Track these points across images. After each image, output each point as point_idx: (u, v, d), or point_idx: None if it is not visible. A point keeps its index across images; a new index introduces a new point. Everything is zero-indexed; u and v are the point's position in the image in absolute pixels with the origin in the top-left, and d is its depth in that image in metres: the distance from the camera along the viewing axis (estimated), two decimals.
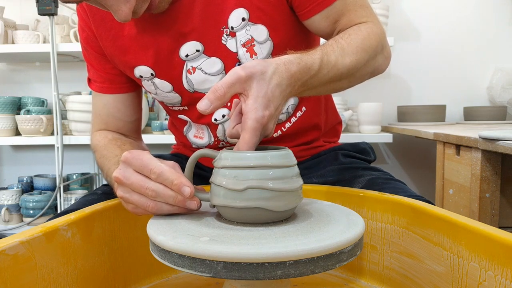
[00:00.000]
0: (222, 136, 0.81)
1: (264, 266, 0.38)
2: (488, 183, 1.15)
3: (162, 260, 0.43)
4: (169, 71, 0.76)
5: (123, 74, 0.82)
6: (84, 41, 0.81)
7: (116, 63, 0.79)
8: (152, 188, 0.49)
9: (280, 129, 0.81)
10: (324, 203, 0.56)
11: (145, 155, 0.51)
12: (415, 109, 1.99)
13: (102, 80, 0.83)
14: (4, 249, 0.43)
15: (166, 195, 0.49)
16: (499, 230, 0.43)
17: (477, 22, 2.17)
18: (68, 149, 2.13)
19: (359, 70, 0.66)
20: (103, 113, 0.84)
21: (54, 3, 1.77)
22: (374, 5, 1.88)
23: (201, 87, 0.76)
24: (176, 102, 0.80)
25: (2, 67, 2.29)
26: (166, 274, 0.66)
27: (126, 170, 0.51)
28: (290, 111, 0.81)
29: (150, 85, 0.79)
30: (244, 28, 0.71)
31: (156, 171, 0.49)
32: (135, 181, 0.50)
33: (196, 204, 0.49)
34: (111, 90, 0.83)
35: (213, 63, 0.74)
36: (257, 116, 0.48)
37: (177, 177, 0.48)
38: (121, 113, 0.84)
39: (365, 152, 0.90)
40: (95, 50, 0.81)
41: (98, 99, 0.85)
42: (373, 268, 0.62)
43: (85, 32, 0.80)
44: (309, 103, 0.84)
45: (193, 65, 0.74)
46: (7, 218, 1.94)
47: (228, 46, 0.73)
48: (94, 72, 0.84)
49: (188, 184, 0.48)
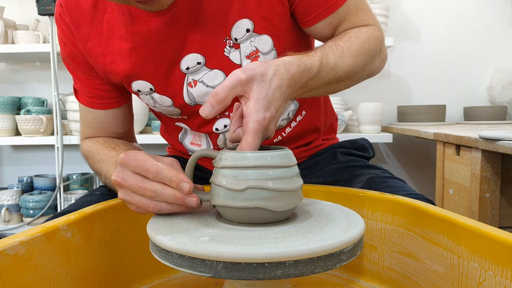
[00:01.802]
0: (223, 145, 0.79)
1: (264, 266, 0.38)
2: (488, 183, 1.15)
3: (162, 260, 0.43)
4: (169, 85, 0.72)
5: (113, 89, 0.78)
6: (67, 56, 0.75)
7: (110, 79, 0.75)
8: (150, 188, 0.49)
9: (280, 134, 0.80)
10: (324, 203, 0.56)
11: (141, 155, 0.50)
12: (415, 109, 1.99)
13: (91, 96, 0.78)
14: (4, 249, 0.43)
15: (165, 194, 0.48)
16: (499, 230, 0.43)
17: (477, 22, 2.17)
18: (68, 149, 2.13)
19: (357, 73, 0.66)
20: (93, 125, 0.81)
21: (54, 3, 1.77)
22: (374, 5, 1.88)
23: (202, 100, 0.73)
24: (176, 114, 0.78)
25: (2, 67, 2.29)
26: (166, 274, 0.66)
27: (124, 172, 0.51)
28: (290, 116, 0.80)
29: (148, 99, 0.76)
30: (249, 39, 0.69)
31: (153, 170, 0.49)
32: (133, 182, 0.50)
33: (195, 201, 0.49)
34: (101, 106, 0.78)
35: (215, 76, 0.71)
36: (258, 118, 0.48)
37: (175, 174, 0.48)
38: (113, 126, 0.81)
39: (363, 149, 0.90)
40: (81, 65, 0.75)
41: (87, 111, 0.80)
42: (373, 268, 0.62)
43: (68, 47, 0.74)
44: (309, 107, 0.83)
45: (194, 78, 0.71)
46: (7, 218, 1.94)
47: (232, 58, 0.70)
48: (81, 86, 0.78)
49: (187, 180, 0.48)
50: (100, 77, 0.76)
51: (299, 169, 0.49)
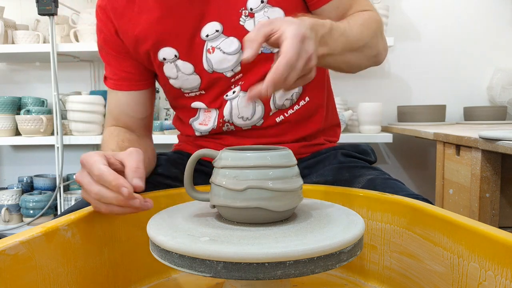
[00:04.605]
0: (228, 115, 0.83)
1: (264, 266, 0.38)
2: (488, 183, 1.15)
3: (162, 260, 0.43)
4: (191, 51, 0.79)
5: (137, 72, 0.85)
6: (102, 42, 0.85)
7: (139, 52, 0.82)
8: (95, 191, 0.51)
9: (283, 114, 0.84)
10: (324, 203, 0.56)
11: (94, 157, 0.53)
12: (415, 109, 1.99)
13: (117, 78, 0.86)
14: (4, 249, 0.43)
15: (108, 197, 0.50)
16: (499, 230, 0.43)
17: (477, 22, 2.17)
18: (68, 149, 2.13)
19: (366, 45, 0.71)
20: (115, 110, 0.87)
21: (54, 3, 1.77)
22: (374, 5, 1.88)
23: (219, 67, 0.80)
24: (195, 86, 0.83)
25: (2, 67, 2.29)
26: (166, 274, 0.66)
27: (82, 173, 0.54)
28: (294, 98, 0.84)
29: (172, 68, 0.81)
30: (263, 10, 0.76)
31: (96, 173, 0.51)
32: (85, 183, 0.53)
33: (139, 202, 0.50)
34: (124, 87, 0.86)
35: (231, 43, 0.78)
36: (298, 30, 0.49)
37: (114, 178, 0.49)
38: (132, 110, 0.86)
39: (365, 153, 0.90)
40: (113, 49, 0.84)
41: (112, 96, 0.88)
42: (373, 268, 0.62)
43: (103, 33, 0.84)
44: (312, 93, 0.86)
45: (212, 45, 0.78)
46: (7, 218, 1.94)
47: (246, 26, 0.77)
48: (110, 70, 0.87)
49: (126, 185, 0.49)
50: (128, 59, 0.84)
51: (300, 167, 0.49)
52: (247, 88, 0.79)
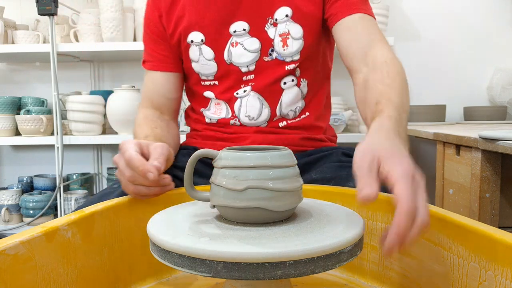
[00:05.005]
0: (237, 111, 0.91)
1: (264, 266, 0.38)
2: (488, 183, 1.15)
3: (162, 260, 0.43)
4: (217, 40, 0.89)
5: (171, 55, 0.95)
6: (147, 28, 0.96)
7: (175, 35, 0.92)
8: (128, 174, 0.60)
9: (286, 121, 0.92)
10: (324, 203, 0.56)
11: (130, 144, 0.62)
12: (415, 109, 1.99)
13: (153, 60, 0.96)
14: (4, 249, 0.43)
15: (139, 180, 0.60)
16: (499, 230, 0.42)
17: (477, 22, 2.17)
18: (68, 149, 2.13)
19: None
20: (150, 89, 0.96)
21: (54, 3, 1.77)
22: (374, 5, 1.87)
23: (237, 60, 0.89)
24: (211, 73, 0.91)
25: (2, 67, 2.29)
26: (166, 274, 0.66)
27: (119, 156, 0.63)
28: (297, 112, 0.92)
29: (196, 51, 0.91)
30: (285, 22, 0.87)
31: (127, 159, 0.60)
32: (120, 166, 0.62)
33: (168, 179, 0.61)
34: (159, 67, 0.96)
35: (253, 42, 0.88)
36: (402, 167, 0.46)
37: (141, 164, 0.58)
38: (165, 89, 0.95)
39: None
40: (155, 33, 0.95)
41: (148, 77, 0.97)
42: (373, 268, 0.62)
43: (149, 19, 0.95)
44: (313, 110, 0.93)
45: (237, 40, 0.89)
46: (7, 218, 1.94)
47: (269, 33, 0.88)
48: (148, 54, 0.97)
49: (152, 170, 0.57)
50: (164, 43, 0.94)
51: (301, 162, 0.49)
52: (257, 89, 0.89)
